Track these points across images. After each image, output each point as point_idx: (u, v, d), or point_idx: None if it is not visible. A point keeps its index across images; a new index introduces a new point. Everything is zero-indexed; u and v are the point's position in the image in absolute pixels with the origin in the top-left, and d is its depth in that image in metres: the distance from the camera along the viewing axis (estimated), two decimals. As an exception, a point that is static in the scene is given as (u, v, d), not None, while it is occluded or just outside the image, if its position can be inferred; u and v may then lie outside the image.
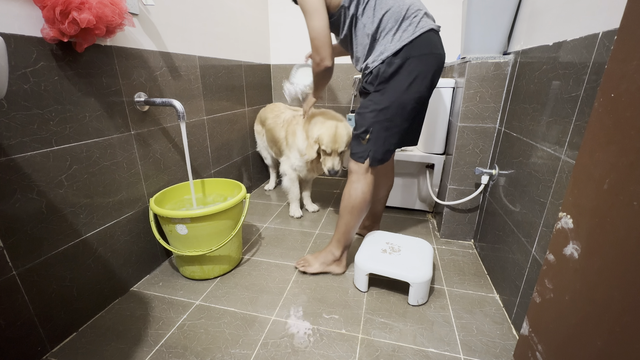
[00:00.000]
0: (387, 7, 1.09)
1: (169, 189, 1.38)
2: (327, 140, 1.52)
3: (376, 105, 1.15)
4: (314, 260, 1.37)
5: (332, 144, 1.52)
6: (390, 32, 1.10)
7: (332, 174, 1.59)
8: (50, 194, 0.94)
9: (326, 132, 1.52)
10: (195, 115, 1.59)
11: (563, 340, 0.57)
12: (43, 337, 0.95)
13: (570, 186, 0.57)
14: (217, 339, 1.02)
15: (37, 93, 0.88)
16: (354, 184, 1.24)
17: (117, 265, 1.19)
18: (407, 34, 1.08)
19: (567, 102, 0.85)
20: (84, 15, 0.84)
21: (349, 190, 1.26)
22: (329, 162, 1.58)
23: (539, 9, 1.13)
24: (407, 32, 1.08)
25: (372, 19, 1.11)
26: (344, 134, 1.53)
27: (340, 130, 1.53)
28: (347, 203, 1.26)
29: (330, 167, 1.58)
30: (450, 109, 1.63)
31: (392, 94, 1.13)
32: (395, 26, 1.09)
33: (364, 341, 1.02)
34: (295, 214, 1.89)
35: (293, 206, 1.92)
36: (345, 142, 1.54)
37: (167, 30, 1.34)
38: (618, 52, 0.47)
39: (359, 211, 1.26)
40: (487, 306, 1.17)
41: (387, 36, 1.10)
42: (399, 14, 1.09)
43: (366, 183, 1.23)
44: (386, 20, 1.09)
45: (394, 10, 1.08)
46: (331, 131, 1.52)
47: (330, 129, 1.52)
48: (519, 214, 1.09)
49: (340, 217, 1.30)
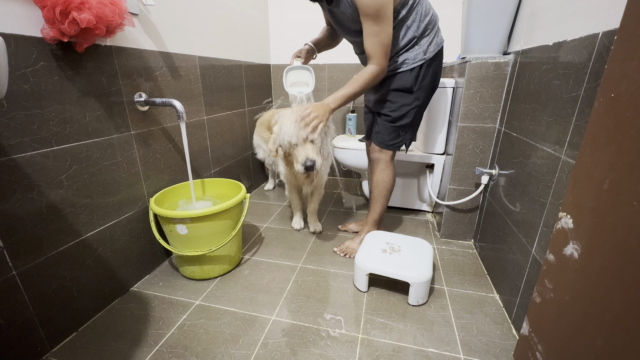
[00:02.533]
0: (430, 12, 1.21)
1: (169, 188, 1.38)
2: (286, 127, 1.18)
3: (418, 101, 1.29)
4: (355, 244, 1.51)
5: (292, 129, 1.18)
6: (430, 34, 1.22)
7: (309, 167, 1.17)
8: (50, 194, 0.94)
9: (285, 118, 1.20)
10: (195, 115, 1.59)
11: (563, 340, 0.57)
12: (43, 337, 0.95)
13: (570, 186, 0.57)
14: (217, 339, 1.02)
15: (37, 93, 0.88)
16: (385, 171, 1.41)
17: (117, 265, 1.19)
18: (439, 39, 1.25)
19: (567, 102, 0.85)
20: (84, 15, 0.84)
21: (382, 177, 1.42)
22: (300, 153, 1.18)
23: (539, 9, 1.13)
24: (439, 37, 1.26)
25: (418, 23, 1.20)
26: None
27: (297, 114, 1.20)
28: (382, 189, 1.43)
29: (303, 158, 1.17)
30: (450, 109, 1.63)
31: (429, 91, 1.30)
32: (434, 30, 1.23)
33: (364, 341, 1.02)
34: (295, 226, 1.76)
35: (294, 217, 1.80)
36: None
37: (167, 30, 1.34)
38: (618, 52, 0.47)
39: (389, 193, 1.45)
40: (487, 306, 1.17)
41: (427, 38, 1.22)
42: (436, 20, 1.24)
43: (393, 168, 1.43)
44: (430, 24, 1.21)
45: (433, 17, 1.23)
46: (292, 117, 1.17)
47: (289, 113, 1.20)
48: (519, 214, 1.09)
49: (374, 202, 1.47)
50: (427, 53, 1.22)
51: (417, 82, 1.25)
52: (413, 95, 1.28)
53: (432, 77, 1.28)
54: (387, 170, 1.40)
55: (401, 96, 1.29)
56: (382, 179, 1.41)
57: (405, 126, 1.33)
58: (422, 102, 1.31)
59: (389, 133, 1.34)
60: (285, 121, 1.19)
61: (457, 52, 2.01)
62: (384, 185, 1.42)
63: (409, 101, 1.28)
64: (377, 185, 1.43)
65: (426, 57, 1.22)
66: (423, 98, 1.30)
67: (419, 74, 1.24)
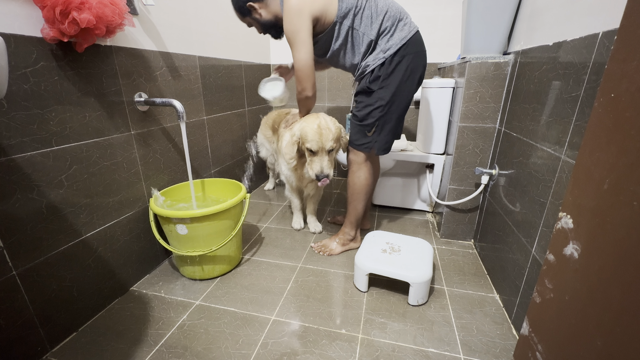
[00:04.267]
0: (383, 11, 1.18)
1: (169, 189, 1.38)
2: (312, 134, 1.28)
3: (382, 101, 1.24)
4: (332, 243, 1.52)
5: (317, 137, 1.28)
6: (388, 33, 1.20)
7: (321, 179, 1.30)
8: (50, 194, 0.94)
9: (309, 126, 1.29)
10: (195, 115, 1.59)
11: (563, 340, 0.57)
12: (43, 337, 0.95)
13: (570, 186, 0.57)
14: (217, 339, 1.02)
15: (37, 93, 0.88)
16: (356, 173, 1.38)
17: (117, 265, 1.19)
18: (403, 34, 1.20)
19: (567, 102, 0.85)
20: (84, 15, 0.84)
21: (352, 179, 1.40)
22: (316, 164, 1.31)
23: (539, 9, 1.13)
24: (404, 31, 1.20)
25: (370, 27, 1.19)
26: (331, 126, 1.30)
27: (326, 122, 1.30)
28: (353, 191, 1.42)
29: (318, 170, 1.30)
30: (450, 109, 1.63)
31: (393, 88, 1.23)
32: (393, 27, 1.20)
33: (364, 341, 1.02)
34: (295, 226, 1.75)
35: (294, 217, 1.80)
36: (333, 136, 1.30)
37: (167, 30, 1.34)
38: (618, 52, 0.47)
39: (364, 195, 1.42)
40: (487, 306, 1.17)
41: (385, 37, 1.20)
42: (395, 16, 1.20)
43: (366, 169, 1.38)
44: (385, 23, 1.19)
45: (391, 14, 1.19)
46: (314, 124, 1.28)
47: (314, 121, 1.29)
48: (519, 214, 1.09)
49: (349, 203, 1.46)
50: (386, 51, 1.19)
51: (378, 81, 1.22)
52: (375, 95, 1.24)
53: (400, 72, 1.21)
54: (360, 172, 1.38)
55: (364, 97, 1.28)
56: (354, 181, 1.40)
57: (369, 125, 1.28)
58: (389, 101, 1.24)
59: (356, 133, 1.32)
60: (310, 125, 1.29)
61: (457, 52, 2.02)
62: (359, 187, 1.40)
63: (371, 101, 1.26)
64: (351, 187, 1.42)
65: (386, 56, 1.19)
66: (389, 97, 1.23)
67: (380, 72, 1.21)
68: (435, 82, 1.63)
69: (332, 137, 1.30)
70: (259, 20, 1.29)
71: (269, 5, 1.25)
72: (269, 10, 1.26)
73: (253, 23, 1.32)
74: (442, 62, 2.07)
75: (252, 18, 1.30)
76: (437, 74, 2.09)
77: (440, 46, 2.06)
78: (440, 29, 2.04)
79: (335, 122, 1.35)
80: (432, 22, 2.04)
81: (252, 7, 1.26)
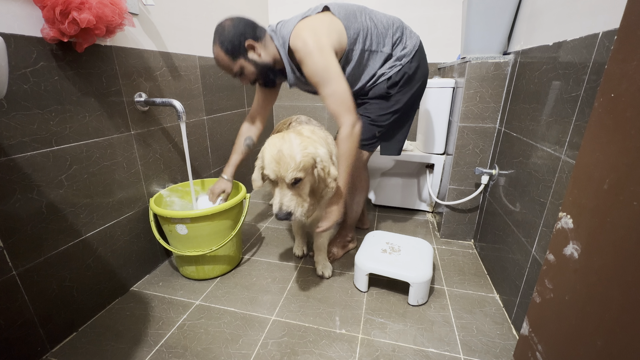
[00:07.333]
0: (390, 25, 1.20)
1: (169, 189, 1.38)
2: (268, 159, 0.94)
3: (399, 104, 1.26)
4: (333, 248, 1.49)
5: (274, 165, 0.92)
6: (401, 42, 1.21)
7: (281, 218, 0.94)
8: (50, 194, 0.94)
9: (269, 149, 0.95)
10: (195, 115, 1.59)
11: (563, 340, 0.57)
12: (43, 337, 0.95)
13: (570, 186, 0.57)
14: (217, 339, 1.02)
15: (37, 93, 0.88)
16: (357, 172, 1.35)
17: (117, 265, 1.19)
18: (413, 40, 1.23)
19: (567, 102, 0.85)
20: (84, 15, 0.84)
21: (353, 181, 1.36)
22: (275, 197, 0.96)
23: (539, 9, 1.13)
24: (412, 38, 1.23)
25: (383, 43, 1.19)
26: (296, 155, 0.92)
27: (290, 148, 0.92)
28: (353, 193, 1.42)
29: (276, 206, 0.94)
30: (450, 109, 1.63)
31: (411, 92, 1.26)
32: (404, 36, 1.22)
33: (364, 341, 1.02)
34: (296, 252, 1.49)
35: (295, 241, 1.53)
36: (297, 167, 0.91)
37: (167, 30, 1.34)
38: (618, 52, 0.47)
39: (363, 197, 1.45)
40: (487, 306, 1.17)
41: (399, 46, 1.21)
42: (400, 26, 1.22)
43: (366, 171, 1.40)
44: (395, 35, 1.20)
45: (397, 25, 1.21)
46: (275, 149, 0.93)
47: (277, 144, 0.94)
48: (519, 214, 1.09)
49: (348, 206, 1.45)
50: (402, 59, 1.21)
51: (396, 86, 1.22)
52: (393, 99, 1.25)
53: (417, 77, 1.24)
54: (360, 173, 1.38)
55: (380, 101, 1.27)
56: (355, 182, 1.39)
57: (383, 127, 1.29)
58: (405, 103, 1.26)
59: (365, 132, 1.26)
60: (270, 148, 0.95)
61: (457, 52, 2.02)
62: (359, 189, 1.41)
63: (388, 104, 1.26)
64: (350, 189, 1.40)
65: (402, 63, 1.20)
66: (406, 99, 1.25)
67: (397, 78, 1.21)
68: (436, 82, 1.63)
69: (295, 167, 0.91)
70: (256, 61, 1.13)
71: (267, 46, 1.15)
72: (268, 51, 1.15)
73: (246, 67, 1.14)
74: (442, 62, 2.07)
75: (247, 60, 1.12)
76: (437, 74, 2.09)
77: (440, 46, 2.06)
78: (440, 29, 2.04)
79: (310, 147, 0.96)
80: (432, 22, 2.04)
81: (252, 46, 1.11)
